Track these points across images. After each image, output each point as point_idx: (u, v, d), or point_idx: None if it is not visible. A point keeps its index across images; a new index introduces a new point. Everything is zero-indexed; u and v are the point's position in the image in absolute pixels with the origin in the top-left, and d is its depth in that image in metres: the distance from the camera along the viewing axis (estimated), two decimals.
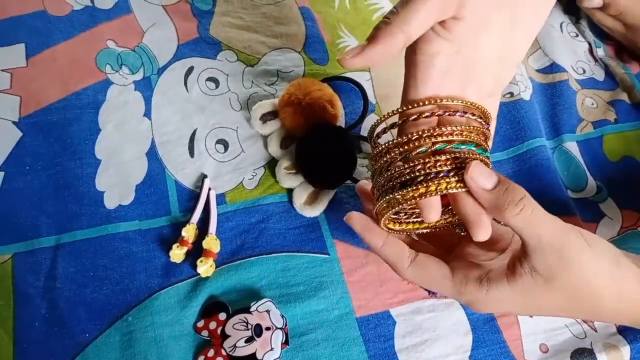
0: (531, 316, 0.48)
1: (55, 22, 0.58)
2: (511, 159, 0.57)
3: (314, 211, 0.50)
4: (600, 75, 0.65)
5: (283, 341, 0.44)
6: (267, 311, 0.45)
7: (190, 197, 0.51)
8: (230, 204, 0.51)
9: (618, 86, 0.65)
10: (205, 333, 0.44)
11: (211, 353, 0.43)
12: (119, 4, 0.61)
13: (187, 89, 0.57)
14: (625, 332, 0.48)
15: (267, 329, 0.44)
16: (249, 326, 0.44)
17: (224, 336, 0.44)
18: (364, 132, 0.56)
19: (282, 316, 0.45)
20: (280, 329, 0.44)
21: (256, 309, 0.45)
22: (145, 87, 0.56)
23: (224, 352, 0.43)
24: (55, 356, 0.43)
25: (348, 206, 0.51)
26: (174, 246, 0.47)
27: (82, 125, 0.53)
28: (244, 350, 0.43)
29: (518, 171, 0.56)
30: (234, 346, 0.43)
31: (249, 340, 0.44)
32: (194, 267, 0.46)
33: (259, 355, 0.43)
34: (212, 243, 0.47)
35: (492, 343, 0.46)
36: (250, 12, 0.64)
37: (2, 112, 0.52)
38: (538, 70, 0.64)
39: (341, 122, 0.56)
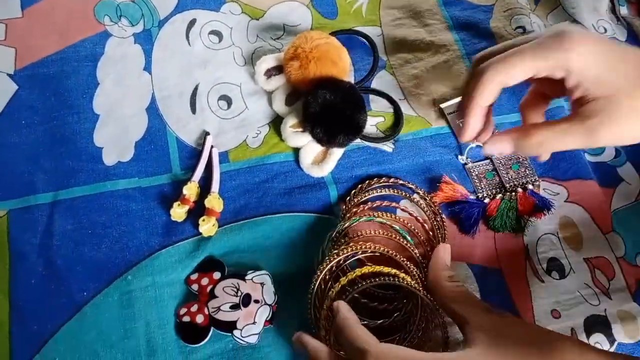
0: None
1: None
2: None
3: (323, 171, 0.48)
4: (622, 34, 0.62)
5: (268, 318, 0.42)
6: (262, 284, 0.43)
7: (192, 154, 0.49)
8: (234, 163, 0.49)
9: None
10: (195, 287, 0.43)
11: (194, 308, 0.42)
12: None
13: (189, 43, 0.54)
14: None
15: (256, 301, 0.42)
16: (239, 293, 0.42)
17: (212, 296, 0.42)
18: (375, 85, 0.54)
19: (275, 293, 0.43)
20: (269, 305, 0.42)
21: (251, 279, 0.43)
22: (145, 40, 0.54)
23: (206, 311, 0.42)
24: (52, 314, 0.42)
25: (357, 166, 0.49)
26: (175, 204, 0.45)
27: (80, 79, 0.51)
28: (226, 316, 0.42)
29: None
30: (218, 309, 0.42)
31: (234, 307, 0.42)
32: (196, 226, 0.45)
33: (239, 325, 0.41)
34: (214, 202, 0.45)
35: (502, 309, 0.44)
36: None
37: None
38: None
39: (350, 77, 0.53)
